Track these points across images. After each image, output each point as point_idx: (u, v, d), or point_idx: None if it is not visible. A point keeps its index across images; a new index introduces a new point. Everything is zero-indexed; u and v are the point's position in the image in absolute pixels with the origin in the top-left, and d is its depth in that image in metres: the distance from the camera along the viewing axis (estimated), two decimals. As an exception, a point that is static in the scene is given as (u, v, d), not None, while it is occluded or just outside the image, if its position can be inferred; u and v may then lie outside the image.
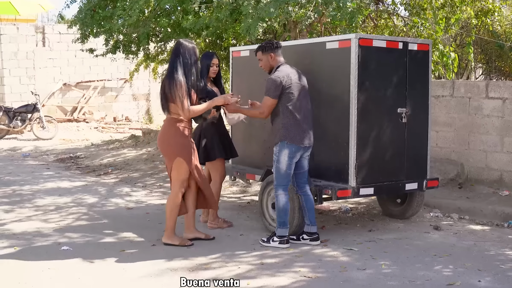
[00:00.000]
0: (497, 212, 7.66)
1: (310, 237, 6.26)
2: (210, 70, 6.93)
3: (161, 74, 14.40)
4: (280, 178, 6.14)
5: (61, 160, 13.05)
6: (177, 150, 6.04)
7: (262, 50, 6.24)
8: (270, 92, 6.01)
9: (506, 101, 8.75)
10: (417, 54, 6.75)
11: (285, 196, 6.15)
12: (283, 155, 6.08)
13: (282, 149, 6.08)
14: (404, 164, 6.72)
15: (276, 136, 6.11)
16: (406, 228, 7.04)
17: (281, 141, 6.07)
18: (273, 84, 5.99)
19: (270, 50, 6.18)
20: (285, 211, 6.13)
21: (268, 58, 6.20)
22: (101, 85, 21.02)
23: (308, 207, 6.26)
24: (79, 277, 5.19)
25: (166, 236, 6.16)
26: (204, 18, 9.30)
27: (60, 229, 6.89)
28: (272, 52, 6.17)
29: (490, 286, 4.98)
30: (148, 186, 9.81)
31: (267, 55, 6.19)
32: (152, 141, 14.16)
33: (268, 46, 6.20)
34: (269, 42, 6.28)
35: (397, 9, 12.10)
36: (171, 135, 6.05)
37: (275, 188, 6.19)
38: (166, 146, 6.10)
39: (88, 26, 10.70)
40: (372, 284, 5.00)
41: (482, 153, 9.06)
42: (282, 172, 6.12)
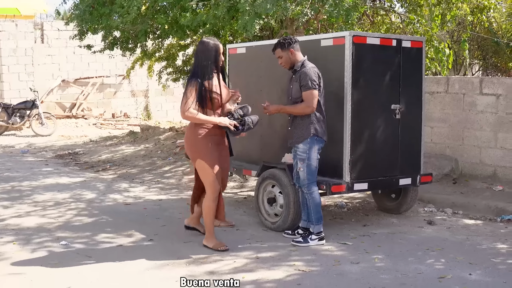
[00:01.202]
0: (490, 207, 7.76)
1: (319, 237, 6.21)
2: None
3: (157, 72, 14.44)
4: (312, 175, 6.09)
5: (60, 157, 13.13)
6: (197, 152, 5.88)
7: (281, 47, 6.13)
8: (313, 84, 5.92)
9: (500, 97, 8.85)
10: (411, 51, 6.84)
11: (318, 191, 6.18)
12: (314, 151, 6.05)
13: (313, 145, 6.03)
14: (398, 159, 6.81)
15: (305, 132, 6.02)
16: (400, 222, 7.14)
17: (311, 136, 6.00)
18: (313, 76, 5.94)
19: (289, 46, 6.09)
20: (320, 206, 6.16)
21: (289, 54, 6.10)
22: (100, 82, 21.09)
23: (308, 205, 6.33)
24: (78, 271, 5.28)
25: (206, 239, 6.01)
26: (201, 15, 9.37)
27: (59, 224, 6.97)
28: (291, 48, 6.10)
29: (480, 279, 5.08)
30: (146, 182, 9.90)
31: (287, 52, 6.09)
32: (150, 137, 14.25)
33: (287, 42, 6.09)
34: (287, 38, 6.16)
35: (393, 6, 12.19)
36: (190, 136, 5.94)
37: (307, 186, 6.10)
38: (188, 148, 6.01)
39: (87, 22, 10.76)
40: (364, 278, 5.10)
41: (476, 148, 9.17)
42: (313, 169, 6.08)
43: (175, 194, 8.86)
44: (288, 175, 6.42)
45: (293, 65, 6.17)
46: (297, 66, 6.13)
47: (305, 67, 6.04)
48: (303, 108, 5.98)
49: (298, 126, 6.08)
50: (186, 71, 13.79)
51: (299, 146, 6.07)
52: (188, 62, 13.74)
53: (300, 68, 6.08)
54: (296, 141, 6.09)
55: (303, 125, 6.03)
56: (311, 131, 6.00)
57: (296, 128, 6.10)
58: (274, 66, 6.70)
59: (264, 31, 11.23)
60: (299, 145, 6.07)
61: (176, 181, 9.89)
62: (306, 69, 6.00)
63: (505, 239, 6.42)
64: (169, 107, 22.65)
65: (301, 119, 6.04)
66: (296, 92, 6.07)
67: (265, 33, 11.39)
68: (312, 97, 5.94)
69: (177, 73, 13.96)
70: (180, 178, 10.07)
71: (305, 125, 6.01)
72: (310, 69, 5.99)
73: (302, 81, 5.96)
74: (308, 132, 6.00)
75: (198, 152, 5.85)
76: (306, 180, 6.09)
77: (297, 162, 6.14)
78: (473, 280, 5.03)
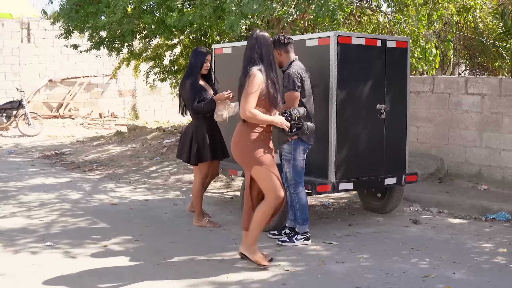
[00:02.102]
0: (475, 206, 7.81)
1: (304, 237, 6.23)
2: (203, 66, 6.78)
3: (145, 72, 14.40)
4: (298, 175, 6.10)
5: (46, 157, 13.08)
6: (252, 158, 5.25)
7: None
8: (293, 85, 5.93)
9: (484, 97, 8.91)
10: (396, 51, 6.87)
11: (305, 192, 6.19)
12: (299, 151, 6.05)
13: (298, 145, 6.03)
14: (383, 159, 6.84)
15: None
16: (385, 222, 7.17)
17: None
18: (293, 77, 5.94)
19: (277, 46, 6.10)
20: (307, 207, 6.17)
21: (276, 54, 6.07)
22: (87, 81, 21.01)
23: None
24: (62, 272, 5.26)
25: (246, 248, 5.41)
26: (188, 15, 9.36)
27: (44, 225, 6.95)
28: (279, 49, 6.11)
29: (464, 278, 5.10)
30: (133, 182, 9.88)
31: (276, 52, 6.06)
32: (137, 137, 14.22)
33: (275, 43, 6.08)
34: (277, 39, 6.15)
35: (380, 6, 12.23)
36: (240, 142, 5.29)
37: (294, 187, 6.12)
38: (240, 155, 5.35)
39: (73, 21, 10.72)
40: (349, 277, 5.12)
41: (461, 148, 9.22)
42: (299, 169, 6.09)
43: (162, 194, 8.85)
44: (274, 175, 6.41)
45: (281, 65, 6.18)
46: (285, 67, 6.15)
47: (290, 67, 6.06)
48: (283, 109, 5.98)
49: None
50: (173, 71, 13.77)
51: (284, 147, 6.08)
52: (175, 62, 13.72)
53: (287, 68, 6.10)
54: (282, 142, 6.09)
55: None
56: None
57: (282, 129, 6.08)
58: (259, 66, 6.70)
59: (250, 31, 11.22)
60: (284, 145, 6.08)
61: (162, 181, 9.87)
62: (289, 70, 6.03)
63: (489, 238, 6.46)
64: (156, 106, 22.60)
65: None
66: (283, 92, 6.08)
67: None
68: (292, 99, 5.96)
69: (165, 73, 13.94)
70: (166, 178, 10.05)
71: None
72: (292, 70, 6.00)
73: (284, 82, 6.00)
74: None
75: (254, 158, 5.21)
76: (292, 180, 6.10)
77: (284, 163, 6.15)
78: (457, 279, 5.06)
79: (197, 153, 6.75)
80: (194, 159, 6.75)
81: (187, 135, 6.84)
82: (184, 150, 6.84)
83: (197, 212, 6.92)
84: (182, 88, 6.83)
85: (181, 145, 6.93)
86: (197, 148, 6.74)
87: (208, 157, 6.77)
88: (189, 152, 6.78)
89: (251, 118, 5.15)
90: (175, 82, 14.42)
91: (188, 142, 6.78)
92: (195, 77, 6.73)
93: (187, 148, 6.80)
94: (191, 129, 6.84)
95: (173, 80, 14.36)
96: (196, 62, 6.75)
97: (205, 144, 6.75)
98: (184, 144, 6.87)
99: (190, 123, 7.02)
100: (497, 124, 8.80)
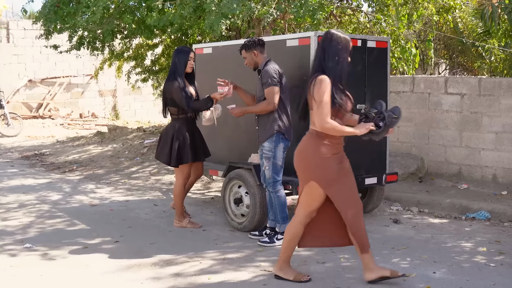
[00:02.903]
0: (455, 205, 7.85)
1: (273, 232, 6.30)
2: (188, 64, 6.68)
3: (126, 72, 14.33)
4: (278, 173, 6.10)
5: (26, 157, 12.97)
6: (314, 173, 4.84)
7: (245, 48, 6.23)
8: (273, 80, 5.97)
9: (464, 97, 8.96)
10: (376, 51, 6.88)
11: (283, 191, 6.19)
12: (279, 149, 6.06)
13: (278, 142, 6.04)
14: (364, 159, 6.83)
15: (269, 130, 6.03)
16: (366, 221, 7.07)
17: (277, 133, 6.01)
18: (272, 73, 5.99)
19: (253, 47, 6.18)
20: (286, 205, 6.17)
21: (252, 55, 6.20)
22: (67, 81, 20.87)
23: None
24: (41, 274, 5.22)
25: (278, 267, 5.08)
26: (168, 15, 9.33)
27: (23, 226, 6.89)
28: (254, 50, 6.18)
29: (444, 277, 5.12)
30: (113, 183, 9.81)
31: (251, 53, 6.20)
32: (118, 138, 14.14)
33: (251, 44, 6.19)
34: (252, 40, 6.25)
35: (360, 6, 12.28)
36: (309, 155, 4.85)
37: (272, 185, 6.10)
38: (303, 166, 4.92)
39: (52, 21, 10.65)
40: (330, 277, 5.12)
41: (441, 147, 9.27)
42: (279, 168, 6.09)
43: (142, 195, 8.80)
44: (254, 175, 6.41)
45: (257, 66, 6.25)
46: (260, 66, 6.20)
47: (266, 65, 6.11)
48: (265, 105, 6.03)
49: (262, 124, 6.11)
50: (155, 71, 13.72)
51: (265, 145, 6.08)
52: (157, 62, 13.68)
53: (263, 67, 6.13)
54: (261, 140, 6.11)
55: (267, 123, 6.06)
56: (274, 128, 6.02)
57: (261, 126, 6.13)
58: (240, 66, 6.69)
59: (231, 31, 11.23)
60: (264, 143, 6.08)
61: (143, 182, 9.82)
62: (267, 67, 6.07)
63: (469, 237, 6.49)
64: (137, 106, 22.50)
65: (265, 117, 6.08)
66: (259, 91, 6.14)
67: (232, 33, 11.38)
68: (273, 94, 5.99)
69: (146, 73, 13.89)
70: (147, 179, 10.00)
71: (269, 123, 6.04)
72: (270, 67, 6.05)
73: (263, 79, 6.04)
74: (272, 130, 6.03)
75: (316, 174, 4.80)
76: (271, 178, 6.09)
77: (263, 161, 6.14)
78: (437, 278, 5.07)
79: (178, 154, 6.67)
80: (174, 161, 6.68)
81: (167, 137, 6.75)
82: (164, 151, 6.75)
83: (177, 213, 6.88)
84: (168, 89, 6.63)
85: (161, 147, 6.83)
86: (178, 150, 6.66)
87: (189, 159, 6.69)
88: (169, 153, 6.70)
89: (329, 130, 4.69)
90: (156, 83, 14.38)
91: (169, 144, 6.70)
92: (181, 76, 6.63)
93: (167, 150, 6.71)
94: (171, 130, 6.73)
95: (154, 81, 14.32)
96: (180, 61, 6.66)
97: (186, 145, 6.66)
98: (164, 146, 6.77)
99: (170, 124, 6.90)
100: (477, 124, 8.86)
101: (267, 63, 6.14)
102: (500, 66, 13.64)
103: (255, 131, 6.27)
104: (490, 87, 8.75)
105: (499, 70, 13.58)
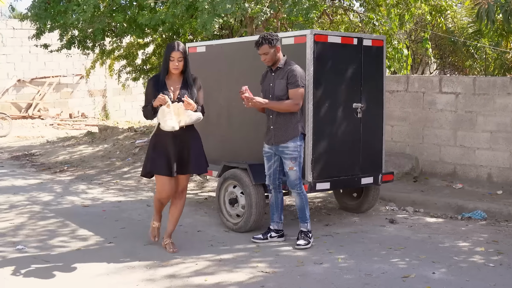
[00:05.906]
0: (450, 205, 7.80)
1: (278, 234, 6.24)
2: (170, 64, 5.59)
3: (117, 71, 14.22)
4: (301, 173, 6.00)
5: (16, 158, 12.84)
6: None
7: (269, 43, 5.83)
8: (302, 82, 5.84)
9: (458, 96, 8.92)
10: (372, 49, 6.82)
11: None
12: (302, 149, 5.96)
13: (302, 143, 5.94)
14: (360, 158, 6.79)
15: (293, 130, 5.86)
16: (362, 222, 7.12)
17: (300, 135, 5.90)
18: (302, 74, 5.88)
19: (277, 42, 5.89)
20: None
21: (276, 51, 5.90)
22: (57, 81, 20.75)
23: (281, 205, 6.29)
24: (34, 276, 5.12)
25: None
26: (160, 14, 9.25)
27: (15, 228, 6.77)
28: (278, 45, 5.92)
29: (444, 277, 5.07)
30: (105, 183, 9.71)
31: (275, 48, 5.89)
32: (109, 138, 14.04)
33: (275, 39, 5.87)
34: (273, 35, 5.91)
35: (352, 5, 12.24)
36: None
37: (298, 186, 5.99)
38: None
39: (42, 19, 10.54)
40: (328, 278, 5.05)
41: (436, 147, 9.23)
42: (301, 168, 6.00)
43: (134, 196, 8.71)
44: (250, 175, 6.34)
45: (277, 62, 5.98)
46: (280, 64, 5.95)
47: (291, 65, 5.90)
48: (291, 105, 5.82)
49: (284, 125, 5.89)
50: (146, 70, 13.62)
51: (289, 145, 5.88)
52: (148, 61, 13.58)
53: (285, 65, 5.93)
54: (282, 140, 5.90)
55: (290, 124, 5.87)
56: (299, 129, 5.90)
57: (282, 127, 5.91)
58: (234, 65, 6.62)
59: (223, 30, 11.16)
60: (288, 144, 5.88)
61: (135, 182, 9.73)
62: (294, 67, 5.87)
63: (466, 237, 6.44)
64: (127, 106, 22.39)
65: (287, 118, 5.88)
66: (281, 90, 5.88)
67: (224, 31, 11.31)
68: (300, 95, 5.84)
69: (137, 72, 13.78)
70: (139, 179, 9.90)
71: (293, 124, 5.87)
72: (298, 68, 5.88)
73: (290, 78, 5.82)
74: (297, 130, 5.88)
75: None
76: (298, 179, 5.96)
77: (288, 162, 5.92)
78: (436, 279, 5.02)
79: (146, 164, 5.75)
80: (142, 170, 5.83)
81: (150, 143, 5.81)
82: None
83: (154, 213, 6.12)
84: None
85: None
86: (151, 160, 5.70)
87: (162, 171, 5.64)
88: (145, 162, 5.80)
89: None
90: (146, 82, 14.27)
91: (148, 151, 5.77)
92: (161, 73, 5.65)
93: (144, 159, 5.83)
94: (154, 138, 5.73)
95: (145, 80, 14.22)
96: (164, 57, 5.71)
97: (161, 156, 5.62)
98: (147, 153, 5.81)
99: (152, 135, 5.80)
100: (471, 123, 8.83)
101: (288, 62, 5.94)
102: (492, 65, 13.64)
103: (250, 130, 6.17)
104: (485, 86, 8.71)
105: (491, 69, 13.58)
